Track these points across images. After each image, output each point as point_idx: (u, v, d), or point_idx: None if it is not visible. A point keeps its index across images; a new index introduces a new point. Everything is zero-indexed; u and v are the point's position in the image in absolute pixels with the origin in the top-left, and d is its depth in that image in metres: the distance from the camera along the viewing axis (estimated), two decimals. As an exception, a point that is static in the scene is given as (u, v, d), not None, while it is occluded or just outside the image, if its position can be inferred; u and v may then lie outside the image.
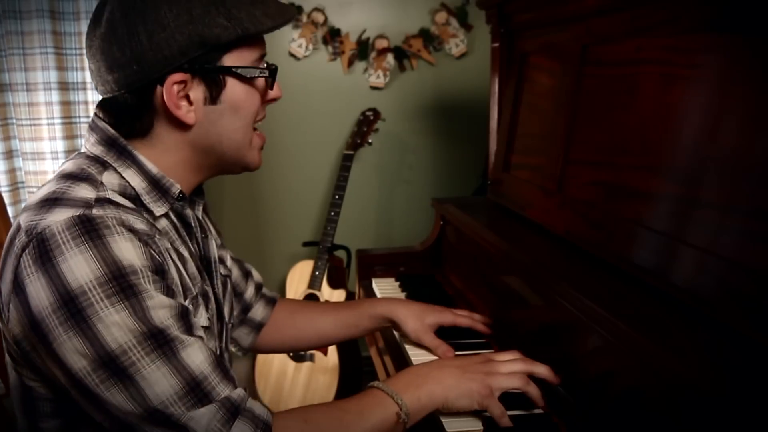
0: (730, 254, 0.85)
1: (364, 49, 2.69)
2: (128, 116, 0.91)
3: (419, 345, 1.26)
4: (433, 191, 2.82)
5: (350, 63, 2.71)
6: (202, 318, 0.96)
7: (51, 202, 0.83)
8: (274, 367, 2.55)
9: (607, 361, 0.95)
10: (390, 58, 2.71)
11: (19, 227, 0.83)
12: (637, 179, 1.08)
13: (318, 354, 2.48)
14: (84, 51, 2.17)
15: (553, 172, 1.36)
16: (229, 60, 0.90)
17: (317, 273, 2.53)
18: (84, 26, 2.18)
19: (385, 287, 1.66)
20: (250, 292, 1.28)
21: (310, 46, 2.68)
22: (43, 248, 0.79)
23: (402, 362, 1.25)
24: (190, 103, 0.90)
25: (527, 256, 1.25)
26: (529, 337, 1.19)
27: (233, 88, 0.92)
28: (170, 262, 0.90)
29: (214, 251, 1.07)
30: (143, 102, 0.89)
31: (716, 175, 0.91)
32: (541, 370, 1.04)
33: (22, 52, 2.08)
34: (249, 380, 2.72)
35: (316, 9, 2.65)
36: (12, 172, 2.17)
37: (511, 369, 1.02)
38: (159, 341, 0.81)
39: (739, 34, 0.90)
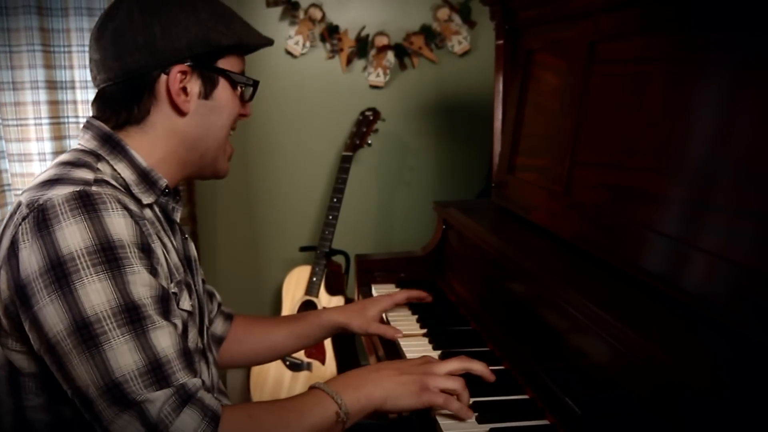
0: (743, 259, 0.85)
1: (363, 46, 2.70)
2: (125, 103, 1.03)
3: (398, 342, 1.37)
4: (434, 194, 2.82)
5: (349, 61, 2.72)
6: (186, 302, 1.03)
7: (52, 182, 0.93)
8: (269, 377, 2.55)
9: (615, 370, 0.95)
10: (390, 55, 2.71)
11: (20, 204, 0.93)
12: (646, 181, 1.09)
13: (315, 363, 2.48)
14: (73, 49, 2.19)
15: (560, 174, 1.36)
16: (223, 64, 1.06)
17: (315, 279, 2.53)
18: (73, 23, 2.18)
19: (385, 294, 1.65)
20: (213, 310, 1.36)
21: (308, 44, 2.68)
22: (41, 217, 0.88)
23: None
24: (187, 94, 1.04)
25: (533, 262, 1.25)
26: (534, 345, 1.20)
27: (223, 89, 1.07)
28: (157, 245, 0.99)
29: (194, 252, 1.19)
30: (144, 88, 1.02)
31: (728, 177, 0.91)
32: (478, 367, 1.11)
33: (8, 49, 2.08)
34: (244, 390, 2.72)
35: (314, 5, 2.65)
36: (-3, 174, 2.17)
37: (447, 368, 1.08)
38: (132, 316, 0.88)
39: (751, 32, 0.91)
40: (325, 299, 2.51)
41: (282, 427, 0.95)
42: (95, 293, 0.86)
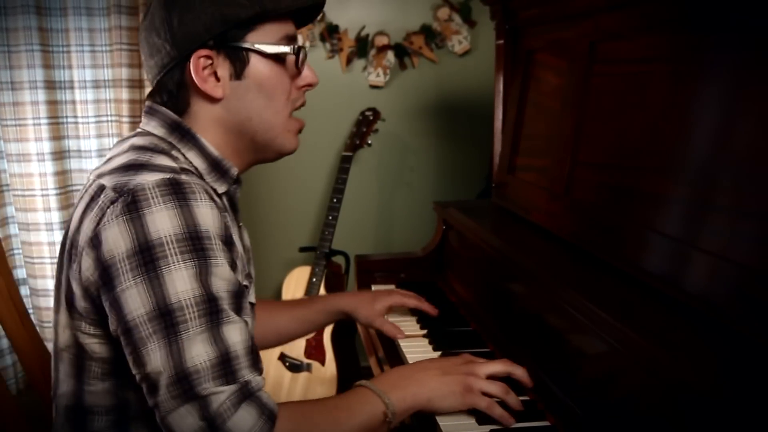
0: (744, 259, 0.85)
1: (363, 46, 2.70)
2: (170, 97, 1.02)
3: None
4: (434, 194, 2.82)
5: (349, 61, 2.72)
6: (252, 295, 1.05)
7: (137, 167, 0.93)
8: (269, 377, 2.55)
9: (615, 371, 0.95)
10: (390, 55, 2.71)
11: (102, 187, 0.92)
12: (647, 182, 1.09)
13: (315, 364, 2.48)
14: (72, 48, 2.20)
15: (560, 174, 1.36)
16: (253, 37, 1.01)
17: (314, 279, 2.53)
18: (72, 22, 2.19)
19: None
20: None
21: (307, 43, 2.68)
22: (132, 201, 0.88)
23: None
24: (218, 79, 1.00)
25: (533, 262, 1.25)
26: (535, 346, 1.20)
27: (257, 64, 1.01)
28: (236, 237, 1.00)
29: (248, 241, 1.18)
30: (178, 80, 1.01)
31: (730, 177, 0.91)
32: (519, 372, 1.11)
33: (6, 49, 2.08)
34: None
35: (314, 4, 2.66)
36: (-4, 174, 2.17)
37: (490, 370, 1.09)
38: (211, 308, 0.88)
39: (753, 32, 0.91)
40: (324, 300, 2.51)
41: (334, 425, 0.95)
42: (181, 281, 0.86)
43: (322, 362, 2.48)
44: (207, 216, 0.90)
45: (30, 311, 1.77)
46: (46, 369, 1.26)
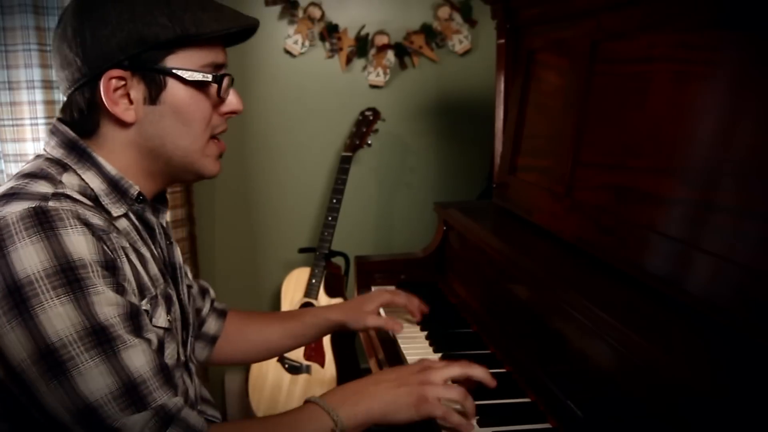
0: (748, 261, 0.85)
1: (363, 45, 2.70)
2: (79, 115, 0.97)
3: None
4: (435, 195, 2.82)
5: (348, 60, 2.72)
6: (161, 319, 0.98)
7: (8, 197, 0.88)
8: (268, 380, 2.55)
9: (617, 373, 0.95)
10: (390, 55, 2.71)
11: None
12: (649, 182, 1.09)
13: (315, 366, 2.47)
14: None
15: (562, 174, 1.36)
16: (172, 61, 0.95)
17: (314, 281, 2.53)
18: (69, 22, 2.19)
19: (385, 295, 1.66)
20: (206, 307, 1.34)
21: (307, 43, 2.68)
22: None
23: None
24: (131, 101, 0.95)
25: (534, 264, 1.25)
26: (536, 348, 1.20)
27: (175, 90, 0.96)
28: (125, 260, 0.92)
29: (179, 258, 1.13)
30: (89, 99, 0.95)
31: (733, 177, 0.91)
32: (478, 372, 1.06)
33: (4, 48, 2.08)
34: (242, 394, 2.72)
35: (313, 3, 2.65)
36: (-7, 174, 2.17)
37: (446, 374, 1.04)
38: (100, 338, 0.84)
39: (756, 31, 0.91)
40: (324, 301, 2.51)
41: None
42: (58, 318, 0.82)
43: (322, 364, 2.47)
44: (79, 244, 0.85)
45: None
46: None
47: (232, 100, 1.03)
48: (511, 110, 1.69)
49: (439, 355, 1.31)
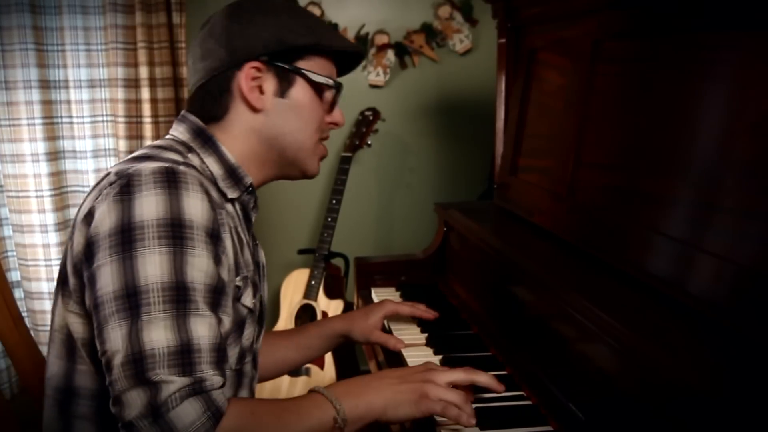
0: (750, 262, 0.85)
1: (363, 45, 2.70)
2: (210, 100, 1.10)
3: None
4: (435, 196, 2.82)
5: (348, 60, 2.72)
6: (248, 298, 1.07)
7: (144, 158, 0.99)
8: (267, 382, 2.54)
9: (619, 375, 0.95)
10: (390, 54, 2.71)
11: (108, 173, 0.98)
12: (651, 183, 1.09)
13: (314, 368, 2.47)
14: (67, 47, 2.20)
15: (563, 175, 1.36)
16: (303, 64, 1.11)
17: (313, 282, 2.53)
18: (66, 21, 2.19)
19: (385, 297, 1.66)
20: None
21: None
22: (126, 184, 0.93)
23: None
24: (261, 92, 1.09)
25: (536, 265, 1.25)
26: (537, 349, 1.20)
27: (300, 88, 1.11)
28: (228, 236, 1.02)
29: (263, 259, 1.23)
30: (224, 85, 1.08)
31: (735, 178, 0.91)
32: (483, 378, 1.08)
33: (0, 48, 2.09)
34: (240, 396, 2.71)
35: (312, 2, 2.66)
36: (-10, 175, 2.18)
37: (449, 377, 1.06)
38: (180, 296, 0.90)
39: (760, 31, 0.91)
40: (323, 303, 2.51)
41: (280, 428, 0.96)
42: (152, 265, 0.89)
43: (321, 366, 2.47)
44: (195, 207, 0.93)
45: (24, 314, 1.77)
46: (40, 373, 1.26)
47: (337, 113, 1.20)
48: (512, 110, 1.70)
49: (440, 357, 1.31)
